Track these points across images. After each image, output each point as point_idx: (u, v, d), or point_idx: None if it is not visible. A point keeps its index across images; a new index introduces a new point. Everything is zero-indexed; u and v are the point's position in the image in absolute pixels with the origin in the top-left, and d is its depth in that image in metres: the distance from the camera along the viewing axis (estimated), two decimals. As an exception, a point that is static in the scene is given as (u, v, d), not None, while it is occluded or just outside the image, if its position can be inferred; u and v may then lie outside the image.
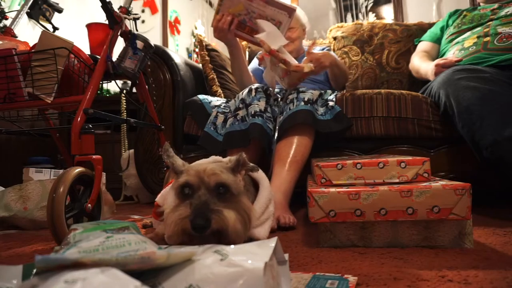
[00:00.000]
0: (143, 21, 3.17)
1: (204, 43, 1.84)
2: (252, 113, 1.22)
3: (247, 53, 2.16)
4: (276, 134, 1.21)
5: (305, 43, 1.80)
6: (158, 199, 0.87)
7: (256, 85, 1.30)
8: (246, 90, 1.29)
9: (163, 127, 1.38)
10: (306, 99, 1.23)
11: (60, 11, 1.34)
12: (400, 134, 1.31)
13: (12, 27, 1.17)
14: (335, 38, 2.03)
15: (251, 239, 0.72)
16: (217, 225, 0.60)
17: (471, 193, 0.71)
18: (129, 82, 2.19)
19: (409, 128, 1.30)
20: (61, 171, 1.53)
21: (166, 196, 0.84)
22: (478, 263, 0.62)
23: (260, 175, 0.83)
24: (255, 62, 1.75)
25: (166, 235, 0.65)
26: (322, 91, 1.38)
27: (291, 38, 1.57)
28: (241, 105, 1.27)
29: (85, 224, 0.63)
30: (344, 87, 1.70)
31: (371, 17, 3.07)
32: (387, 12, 3.03)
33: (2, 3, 1.73)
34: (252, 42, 1.35)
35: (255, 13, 1.25)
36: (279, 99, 1.32)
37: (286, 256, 0.47)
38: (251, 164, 0.75)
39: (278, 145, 1.20)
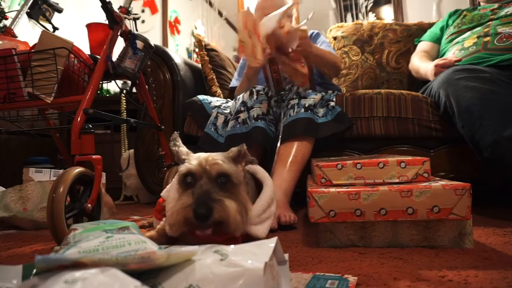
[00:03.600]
0: (143, 21, 3.17)
1: (203, 43, 1.84)
2: (255, 116, 1.22)
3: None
4: (278, 138, 1.21)
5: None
6: (163, 193, 0.88)
7: (258, 87, 1.30)
8: (248, 93, 1.29)
9: (163, 127, 1.38)
10: (306, 105, 1.23)
11: (60, 11, 1.34)
12: (400, 134, 1.31)
13: (12, 27, 1.17)
14: (335, 38, 2.03)
15: (250, 236, 0.72)
16: (218, 214, 0.61)
17: (471, 193, 0.71)
18: (129, 82, 2.19)
19: (409, 128, 1.30)
20: (61, 171, 1.53)
21: (170, 190, 0.84)
22: (478, 263, 0.62)
23: (264, 174, 0.83)
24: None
25: (168, 224, 0.65)
26: (324, 93, 1.38)
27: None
28: (242, 108, 1.27)
29: (85, 224, 0.63)
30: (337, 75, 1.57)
31: (371, 17, 3.07)
32: (387, 12, 3.03)
33: (2, 3, 1.73)
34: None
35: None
36: (279, 101, 1.32)
37: (286, 256, 0.47)
38: (251, 156, 0.75)
39: (279, 147, 1.21)
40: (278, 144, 1.20)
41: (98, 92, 1.12)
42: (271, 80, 1.37)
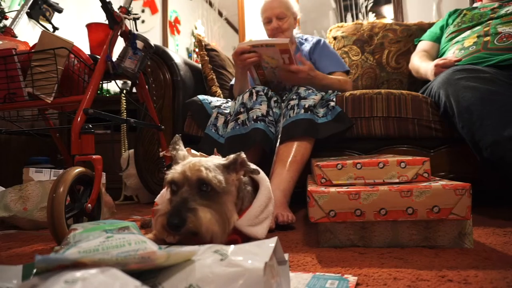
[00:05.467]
0: (143, 21, 3.17)
1: (203, 43, 1.84)
2: (254, 117, 1.22)
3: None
4: (277, 139, 1.21)
5: (296, 32, 1.78)
6: (157, 199, 0.88)
7: (257, 87, 1.30)
8: (247, 94, 1.28)
9: (163, 127, 1.38)
10: (306, 106, 1.23)
11: (60, 11, 1.34)
12: (400, 134, 1.31)
13: (12, 27, 1.17)
14: (335, 38, 2.03)
15: (249, 237, 0.72)
16: (192, 224, 0.60)
17: (471, 193, 0.71)
18: (129, 82, 2.19)
19: (409, 128, 1.30)
20: (61, 171, 1.53)
21: (164, 196, 0.84)
22: (478, 263, 0.62)
23: (260, 175, 0.83)
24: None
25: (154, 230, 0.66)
26: (323, 93, 1.38)
27: (282, 28, 1.55)
28: (242, 109, 1.27)
29: (85, 224, 0.63)
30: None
31: (371, 17, 3.07)
32: (387, 12, 3.03)
33: (2, 3, 1.73)
34: (254, 76, 1.49)
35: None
36: (279, 101, 1.32)
37: (286, 256, 0.47)
38: (252, 166, 0.75)
39: (279, 147, 1.20)
40: (277, 145, 1.20)
41: (98, 92, 1.12)
42: (258, 82, 1.47)
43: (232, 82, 1.71)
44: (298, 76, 1.36)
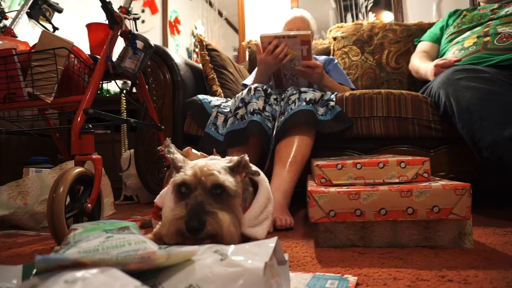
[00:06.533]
0: (143, 21, 3.17)
1: (204, 43, 1.84)
2: (251, 111, 1.22)
3: (247, 53, 2.17)
4: (274, 133, 1.21)
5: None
6: (157, 200, 0.87)
7: (256, 84, 1.30)
8: (246, 90, 1.30)
9: (163, 127, 1.38)
10: (307, 99, 1.23)
11: (60, 11, 1.34)
12: (400, 134, 1.30)
13: (12, 27, 1.17)
14: (335, 38, 2.03)
15: (249, 238, 0.72)
16: (211, 227, 0.60)
17: (471, 193, 0.71)
18: (129, 82, 2.19)
19: (409, 128, 1.30)
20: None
21: (164, 197, 0.84)
22: (478, 263, 0.62)
23: (260, 176, 0.83)
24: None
25: (162, 234, 0.65)
26: (323, 93, 1.38)
27: None
28: (240, 104, 1.28)
29: (85, 224, 0.63)
30: None
31: (371, 17, 3.07)
32: (387, 12, 3.03)
33: (2, 3, 1.73)
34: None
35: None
36: (279, 99, 1.32)
37: (286, 256, 0.47)
38: (253, 168, 0.74)
39: (279, 146, 1.20)
40: (272, 141, 1.20)
41: (98, 92, 1.12)
42: (273, 76, 1.51)
43: (245, 81, 1.73)
44: (313, 71, 1.43)
